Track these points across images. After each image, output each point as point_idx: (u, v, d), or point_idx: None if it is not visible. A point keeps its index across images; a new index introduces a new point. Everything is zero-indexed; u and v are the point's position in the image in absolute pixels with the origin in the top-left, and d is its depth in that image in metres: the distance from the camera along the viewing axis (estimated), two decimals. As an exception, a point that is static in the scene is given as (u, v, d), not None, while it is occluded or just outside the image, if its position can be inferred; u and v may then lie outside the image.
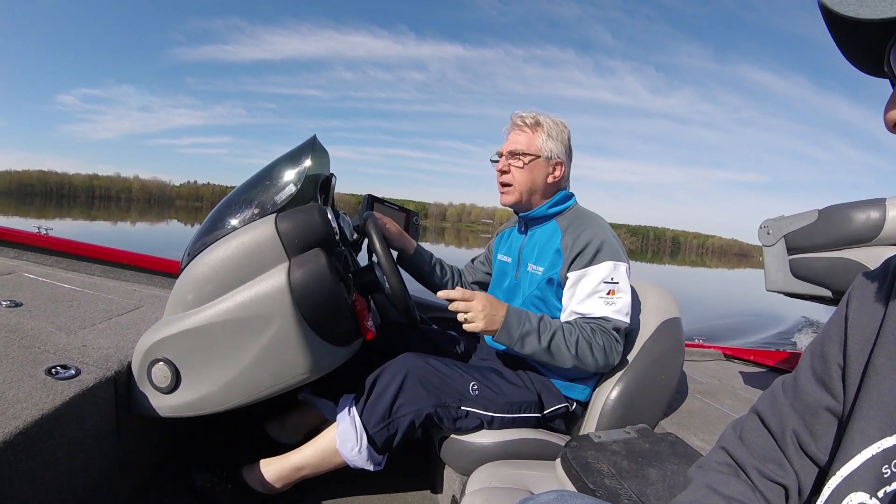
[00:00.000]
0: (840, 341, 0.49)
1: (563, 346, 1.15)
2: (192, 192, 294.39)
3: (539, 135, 1.32)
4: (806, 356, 0.54)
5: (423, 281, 1.57)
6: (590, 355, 1.16)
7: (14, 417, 0.77)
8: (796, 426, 0.51)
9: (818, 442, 0.49)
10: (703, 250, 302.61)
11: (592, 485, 0.90)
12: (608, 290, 1.19)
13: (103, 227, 24.09)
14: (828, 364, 0.50)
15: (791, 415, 0.52)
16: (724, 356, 2.65)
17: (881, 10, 0.33)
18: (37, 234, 1.92)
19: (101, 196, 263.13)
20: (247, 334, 1.00)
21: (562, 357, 1.16)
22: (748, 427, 0.56)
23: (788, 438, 0.51)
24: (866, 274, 0.51)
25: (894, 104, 0.39)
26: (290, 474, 1.18)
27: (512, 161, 1.33)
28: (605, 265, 1.20)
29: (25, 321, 1.14)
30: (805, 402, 0.51)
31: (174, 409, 1.03)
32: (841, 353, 0.49)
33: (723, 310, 9.94)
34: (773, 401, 0.55)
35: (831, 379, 0.49)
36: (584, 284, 1.21)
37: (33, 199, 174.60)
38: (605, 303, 1.19)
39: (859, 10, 0.34)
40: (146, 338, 1.03)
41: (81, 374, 0.95)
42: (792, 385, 0.54)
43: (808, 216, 1.82)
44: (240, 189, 1.17)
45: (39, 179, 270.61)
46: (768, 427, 0.54)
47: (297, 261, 1.02)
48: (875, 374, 0.44)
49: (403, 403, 1.13)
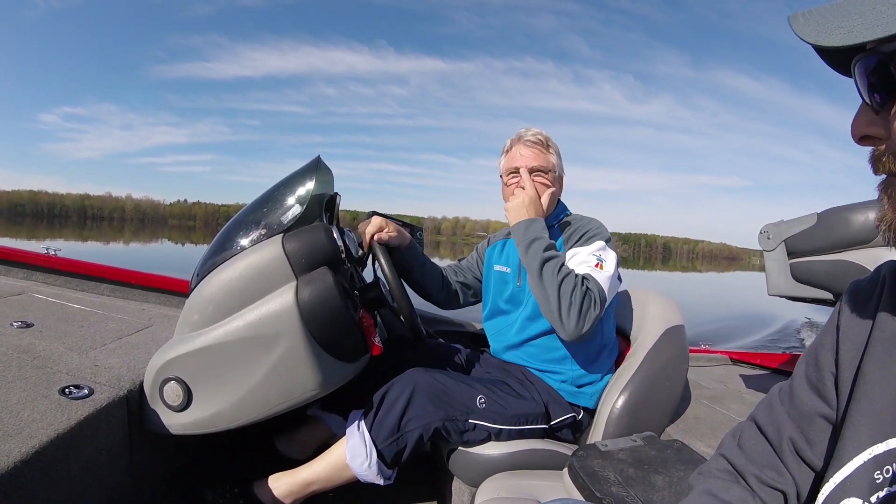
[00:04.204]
0: (833, 349, 0.50)
1: (556, 271, 1.20)
2: (185, 210, 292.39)
3: (552, 152, 1.40)
4: (801, 364, 0.55)
5: (410, 278, 1.53)
6: (569, 295, 1.18)
7: (30, 437, 0.78)
8: (793, 433, 0.52)
9: (814, 448, 0.50)
10: (693, 255, 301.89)
11: (599, 493, 0.91)
12: (596, 263, 1.26)
13: (95, 247, 24.08)
14: (821, 372, 0.51)
15: (787, 422, 0.53)
16: (730, 360, 2.64)
17: (838, 38, 0.35)
18: (45, 254, 1.94)
19: (93, 216, 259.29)
20: (257, 352, 1.01)
21: (547, 280, 1.20)
22: (746, 434, 0.57)
23: (785, 446, 0.52)
24: (857, 282, 0.52)
25: (860, 119, 0.40)
26: (300, 489, 1.18)
27: (535, 177, 1.38)
28: (596, 243, 1.30)
29: (37, 342, 1.15)
30: (800, 409, 0.52)
31: (186, 427, 1.05)
32: (833, 360, 0.50)
33: (719, 313, 9.89)
34: (769, 409, 0.56)
35: (825, 387, 0.50)
36: (576, 257, 1.29)
37: (24, 219, 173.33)
38: (590, 269, 1.25)
39: (818, 38, 0.36)
40: (158, 357, 1.05)
41: (95, 394, 0.96)
42: (788, 393, 0.55)
43: (807, 220, 1.83)
44: (247, 210, 1.20)
45: (30, 199, 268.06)
46: (766, 434, 0.55)
47: (305, 279, 1.04)
48: (865, 383, 0.45)
49: (412, 418, 1.14)
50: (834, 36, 0.35)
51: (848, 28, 0.35)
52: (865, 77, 0.38)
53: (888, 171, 0.39)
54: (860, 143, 0.41)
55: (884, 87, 0.37)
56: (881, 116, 0.39)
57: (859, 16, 0.35)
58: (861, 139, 0.41)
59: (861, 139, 0.41)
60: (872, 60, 0.37)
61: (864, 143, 0.41)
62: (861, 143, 0.41)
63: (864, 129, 0.40)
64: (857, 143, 0.41)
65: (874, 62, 0.37)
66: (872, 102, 0.39)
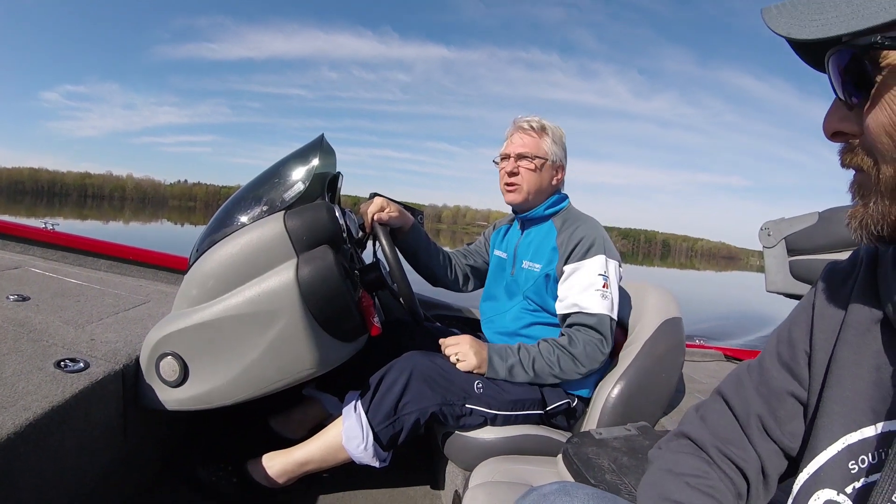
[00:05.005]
0: (807, 328, 0.50)
1: (547, 369, 1.23)
2: (185, 191, 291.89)
3: (545, 139, 1.38)
4: (772, 340, 0.54)
5: (416, 261, 1.52)
6: (573, 366, 1.23)
7: (24, 409, 0.77)
8: (761, 410, 0.51)
9: (783, 427, 0.50)
10: (692, 253, 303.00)
11: (593, 479, 0.91)
12: (603, 283, 1.25)
13: (95, 225, 24.01)
14: (795, 350, 0.50)
15: (756, 398, 0.52)
16: (724, 357, 2.66)
17: (811, 31, 0.34)
18: (43, 229, 1.93)
19: (93, 195, 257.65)
20: (254, 329, 1.01)
21: (548, 378, 1.24)
22: (711, 409, 0.56)
23: (753, 422, 0.52)
24: (834, 263, 0.51)
25: (833, 114, 0.39)
26: (294, 469, 1.19)
27: (522, 163, 1.37)
28: (598, 259, 1.27)
29: (33, 315, 1.15)
30: (770, 386, 0.51)
31: (181, 403, 1.05)
32: (808, 340, 0.49)
33: (715, 311, 9.95)
34: (737, 383, 0.55)
35: (798, 365, 0.50)
36: (581, 277, 1.27)
37: (24, 197, 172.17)
38: (602, 296, 1.24)
39: (790, 30, 0.35)
40: (155, 332, 1.05)
41: (90, 368, 0.95)
42: (757, 369, 0.54)
43: (808, 218, 1.83)
44: (248, 186, 1.19)
45: (30, 177, 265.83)
46: (732, 409, 0.54)
47: (305, 257, 1.03)
48: (838, 368, 0.45)
49: (409, 401, 1.14)
50: (807, 29, 0.34)
51: (822, 21, 0.34)
52: (839, 72, 0.37)
53: (857, 167, 0.38)
54: (832, 140, 0.40)
55: (858, 82, 0.36)
56: (854, 112, 0.37)
57: (833, 8, 0.34)
58: (833, 135, 0.40)
59: (833, 135, 0.40)
60: (846, 55, 0.36)
61: (836, 140, 0.40)
62: (833, 140, 0.40)
63: (836, 125, 0.39)
64: (828, 139, 0.40)
65: (848, 56, 0.36)
66: (846, 97, 0.37)
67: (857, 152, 0.38)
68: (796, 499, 0.44)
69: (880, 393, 0.41)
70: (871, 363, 0.43)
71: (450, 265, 1.58)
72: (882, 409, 0.41)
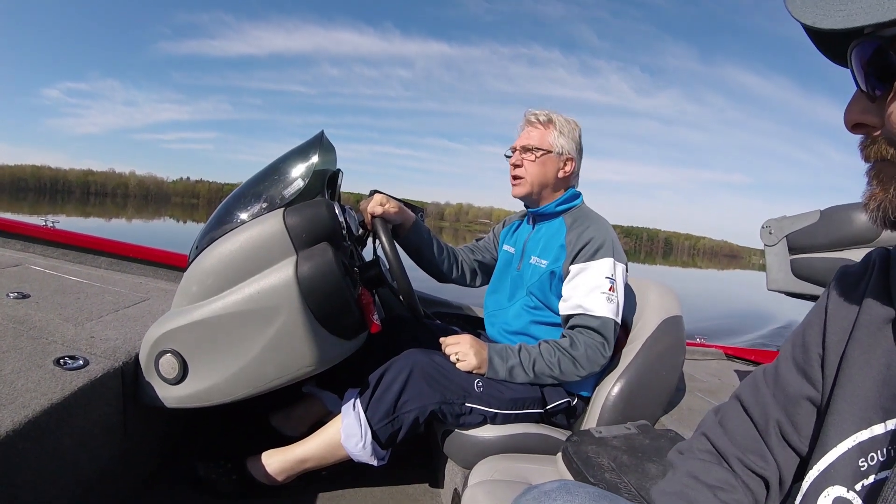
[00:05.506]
0: (820, 331, 0.50)
1: (547, 370, 1.22)
2: (188, 188, 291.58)
3: (551, 131, 1.37)
4: (787, 346, 0.54)
5: (421, 258, 1.50)
6: (573, 369, 1.22)
7: (23, 407, 0.78)
8: (779, 416, 0.51)
9: (800, 433, 0.50)
10: (694, 251, 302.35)
11: (593, 478, 0.91)
12: (609, 286, 1.23)
13: (97, 223, 24.08)
14: (808, 353, 0.50)
15: (773, 405, 0.52)
16: (725, 356, 2.65)
17: (835, 20, 0.34)
18: (43, 226, 1.93)
19: (96, 192, 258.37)
20: (254, 326, 1.01)
21: (548, 379, 1.24)
22: (730, 414, 0.56)
23: (772, 429, 0.51)
24: (847, 267, 0.52)
25: (854, 106, 0.39)
26: (293, 466, 1.19)
27: (525, 155, 1.37)
28: (605, 261, 1.25)
29: (33, 312, 1.15)
30: (786, 391, 0.51)
31: (181, 400, 1.05)
32: (821, 342, 0.49)
33: (716, 310, 9.95)
34: (754, 389, 0.55)
35: (812, 368, 0.50)
36: (587, 278, 1.25)
37: (27, 194, 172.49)
38: (607, 299, 1.22)
39: (816, 19, 0.34)
40: (154, 329, 1.04)
41: (90, 365, 0.95)
42: (773, 374, 0.54)
43: (809, 216, 1.83)
44: (248, 183, 1.19)
45: (33, 174, 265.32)
46: (751, 416, 0.54)
47: (305, 254, 1.03)
48: (849, 367, 0.45)
49: (408, 399, 1.14)
50: (832, 18, 0.34)
51: (847, 11, 0.33)
52: (862, 63, 0.37)
53: (880, 157, 0.38)
54: (853, 132, 0.40)
55: (881, 74, 0.36)
56: (876, 104, 0.37)
57: None
58: (854, 127, 0.39)
59: (854, 127, 0.39)
60: (871, 46, 0.35)
61: (857, 132, 0.40)
62: (854, 132, 0.40)
63: (857, 117, 0.39)
64: (849, 131, 0.40)
65: (873, 48, 0.35)
66: (868, 89, 0.37)
67: (880, 143, 0.38)
68: (806, 496, 0.44)
69: (890, 391, 0.41)
70: (882, 361, 0.43)
71: (456, 261, 1.57)
72: (892, 407, 0.41)
